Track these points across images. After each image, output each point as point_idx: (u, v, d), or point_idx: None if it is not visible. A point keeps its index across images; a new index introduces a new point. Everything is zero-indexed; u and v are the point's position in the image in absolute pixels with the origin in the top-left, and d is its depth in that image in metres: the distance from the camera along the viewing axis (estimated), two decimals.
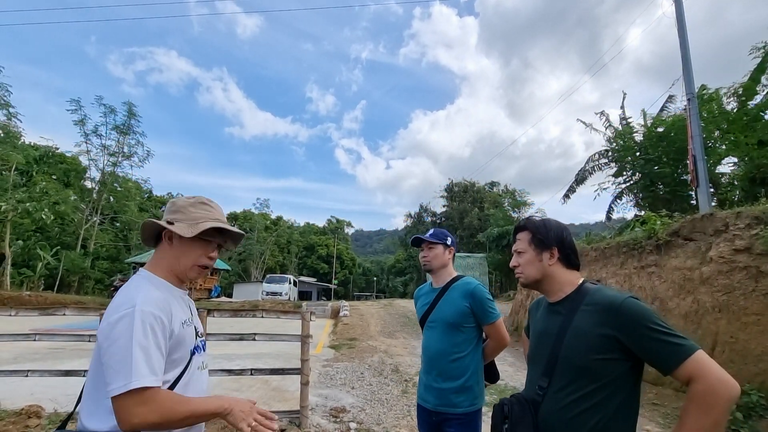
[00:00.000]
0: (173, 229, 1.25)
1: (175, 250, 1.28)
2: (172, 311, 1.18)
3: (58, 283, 26.58)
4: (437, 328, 2.08)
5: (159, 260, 1.29)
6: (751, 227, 5.18)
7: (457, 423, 1.94)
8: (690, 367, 1.09)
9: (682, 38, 8.84)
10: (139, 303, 1.10)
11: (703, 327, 5.32)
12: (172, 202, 1.32)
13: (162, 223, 1.27)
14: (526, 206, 33.59)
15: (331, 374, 6.81)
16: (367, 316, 15.83)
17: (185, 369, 1.20)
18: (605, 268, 7.90)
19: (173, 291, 1.27)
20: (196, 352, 1.26)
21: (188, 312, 1.29)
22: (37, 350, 7.73)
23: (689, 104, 8.65)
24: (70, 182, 32.36)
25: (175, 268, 1.29)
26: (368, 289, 66.12)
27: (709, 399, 1.05)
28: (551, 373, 1.30)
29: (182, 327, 1.20)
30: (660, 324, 1.15)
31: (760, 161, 10.16)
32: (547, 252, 1.41)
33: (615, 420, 1.20)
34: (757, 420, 4.31)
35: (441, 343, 2.04)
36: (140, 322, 1.07)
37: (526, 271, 1.44)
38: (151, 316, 1.09)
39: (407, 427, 4.45)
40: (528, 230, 1.47)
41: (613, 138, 14.81)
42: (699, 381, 1.07)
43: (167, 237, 1.29)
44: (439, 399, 1.98)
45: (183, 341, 1.19)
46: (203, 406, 1.11)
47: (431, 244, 2.20)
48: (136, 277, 1.26)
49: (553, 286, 1.41)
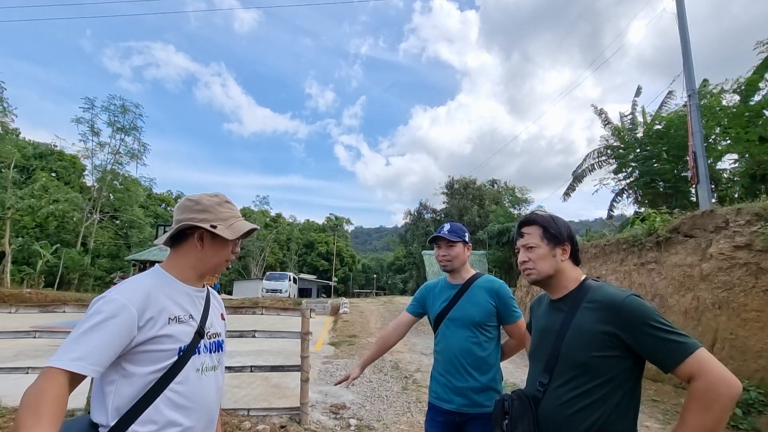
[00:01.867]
0: (218, 232, 1.26)
1: (206, 251, 1.29)
2: (156, 304, 1.15)
3: (59, 281, 26.62)
4: (460, 326, 2.00)
5: (182, 259, 1.28)
6: (752, 224, 5.17)
7: (481, 423, 1.89)
8: (691, 364, 1.09)
9: (683, 34, 8.80)
10: (115, 290, 1.11)
11: (703, 324, 5.32)
12: (195, 200, 1.30)
13: (205, 226, 1.26)
14: (527, 203, 33.66)
15: (331, 371, 6.82)
16: (366, 313, 15.85)
17: (175, 368, 1.16)
18: (605, 265, 7.90)
19: (179, 287, 1.25)
20: (196, 352, 1.22)
21: (191, 309, 1.25)
22: (38, 347, 7.74)
23: (690, 100, 8.62)
24: (70, 180, 32.39)
25: (201, 267, 1.30)
26: (368, 286, 66.15)
27: (711, 397, 1.04)
28: (552, 369, 1.30)
29: (169, 322, 1.17)
30: (661, 322, 1.15)
31: (761, 157, 10.15)
32: (560, 247, 1.40)
33: (615, 416, 1.20)
34: (756, 416, 4.32)
35: (465, 341, 1.96)
36: (105, 308, 1.07)
37: (539, 266, 1.40)
38: (117, 305, 1.08)
39: (407, 423, 4.46)
40: (538, 225, 1.43)
41: (614, 134, 14.77)
42: (700, 379, 1.07)
43: (198, 237, 1.28)
44: (464, 399, 1.92)
45: (168, 337, 1.15)
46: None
47: (451, 243, 2.07)
48: (148, 270, 1.27)
49: (560, 283, 1.40)
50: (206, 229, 1.26)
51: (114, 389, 1.09)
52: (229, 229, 1.29)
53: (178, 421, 1.15)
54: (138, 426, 1.08)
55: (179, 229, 1.27)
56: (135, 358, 1.11)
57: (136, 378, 1.11)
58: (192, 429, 1.18)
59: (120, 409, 1.08)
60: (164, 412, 1.12)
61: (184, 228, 1.27)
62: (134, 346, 1.10)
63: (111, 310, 1.07)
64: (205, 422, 1.24)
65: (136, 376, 1.11)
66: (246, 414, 4.22)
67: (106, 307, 1.07)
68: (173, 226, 1.28)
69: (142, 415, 1.09)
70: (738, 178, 11.72)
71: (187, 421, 1.17)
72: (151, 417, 1.10)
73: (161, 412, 1.12)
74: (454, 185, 43.52)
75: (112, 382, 1.09)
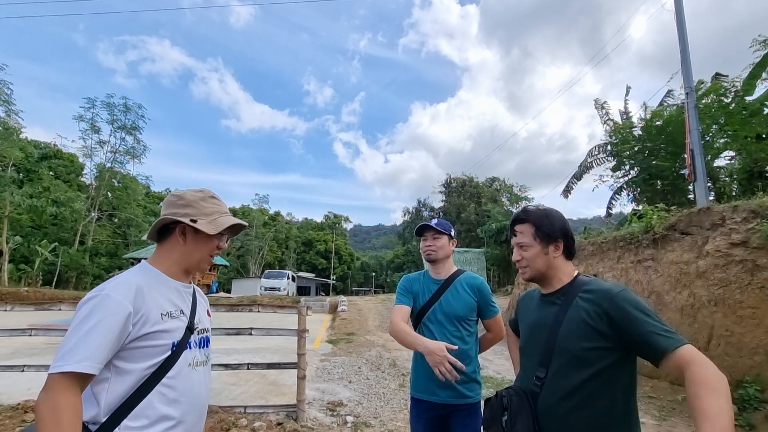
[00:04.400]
0: (198, 227, 1.26)
1: (189, 246, 1.29)
2: (148, 300, 1.15)
3: (57, 279, 26.59)
4: (445, 320, 2.04)
5: (166, 254, 1.29)
6: (748, 221, 5.18)
7: (464, 415, 1.96)
8: (684, 352, 1.09)
9: (681, 32, 8.80)
10: (107, 288, 1.11)
11: (699, 320, 5.33)
12: (179, 195, 1.30)
13: (185, 221, 1.26)
14: (526, 201, 33.71)
15: (328, 368, 6.82)
16: (365, 311, 15.86)
17: (170, 364, 1.17)
18: (602, 263, 7.91)
19: (168, 282, 1.26)
20: (187, 347, 1.23)
21: (181, 305, 1.26)
22: (34, 345, 7.73)
23: (687, 98, 8.63)
24: (69, 179, 32.34)
25: (185, 261, 1.30)
26: (367, 284, 66.19)
27: (714, 379, 1.01)
28: (548, 363, 1.29)
29: (162, 318, 1.17)
30: (654, 315, 1.18)
31: (758, 155, 10.17)
32: (553, 245, 1.40)
33: (613, 409, 1.20)
34: (752, 412, 4.33)
35: (450, 335, 2.01)
36: (99, 306, 1.06)
37: (533, 265, 1.41)
38: (112, 302, 1.08)
39: (404, 420, 4.47)
40: (530, 223, 1.43)
41: (612, 131, 14.80)
42: (695, 364, 1.05)
43: (181, 232, 1.28)
44: (450, 391, 1.96)
45: (161, 332, 1.16)
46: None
47: (437, 234, 2.16)
48: (135, 266, 1.26)
49: (554, 278, 1.40)
50: (187, 224, 1.26)
51: (107, 386, 1.08)
52: (212, 224, 1.29)
53: (171, 415, 1.15)
54: (130, 421, 1.08)
55: (162, 224, 1.28)
56: (128, 355, 1.11)
57: (130, 374, 1.11)
58: (183, 423, 1.19)
59: (111, 405, 1.08)
60: (156, 407, 1.12)
61: (166, 223, 1.28)
62: (128, 342, 1.10)
63: (108, 307, 1.07)
64: (195, 417, 1.25)
65: (130, 372, 1.11)
66: (243, 411, 4.22)
67: (103, 305, 1.07)
68: (158, 221, 1.29)
69: (135, 410, 1.09)
70: (735, 175, 11.75)
71: (179, 416, 1.17)
72: (144, 412, 1.10)
73: (153, 407, 1.12)
74: (451, 183, 43.60)
75: (104, 380, 1.09)
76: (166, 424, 1.14)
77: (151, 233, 1.31)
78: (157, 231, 1.30)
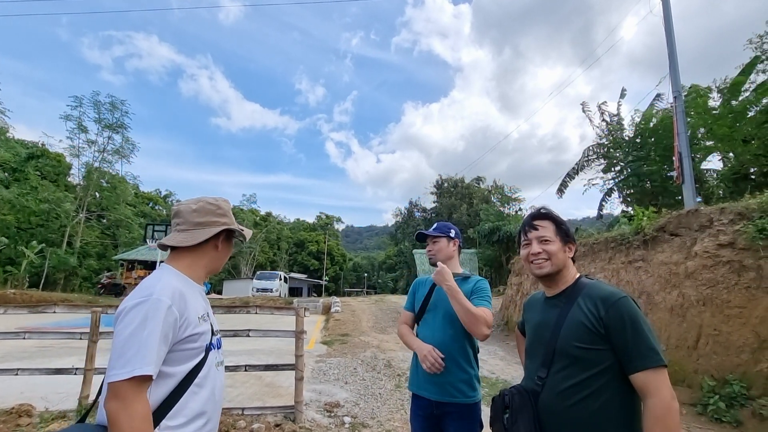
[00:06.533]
0: (246, 234, 1.40)
1: (221, 252, 1.38)
2: (189, 304, 1.20)
3: (44, 281, 26.12)
4: (437, 318, 2.08)
5: (197, 259, 1.33)
6: (735, 222, 5.31)
7: (458, 416, 1.95)
8: (652, 378, 1.17)
9: (669, 37, 8.96)
10: (156, 292, 1.13)
11: (688, 320, 5.46)
12: (217, 205, 1.36)
13: (235, 227, 1.37)
14: (517, 201, 33.93)
15: (324, 370, 6.83)
16: (358, 311, 15.87)
17: (201, 364, 1.21)
18: (593, 263, 8.03)
19: (194, 286, 1.30)
20: (212, 348, 1.28)
21: (205, 307, 1.32)
22: (26, 348, 7.63)
23: (675, 102, 8.79)
24: (56, 179, 31.78)
25: (211, 266, 1.38)
26: (359, 284, 66.15)
27: (670, 417, 1.13)
28: (550, 363, 1.34)
29: (198, 321, 1.22)
30: (644, 331, 1.22)
31: (744, 157, 10.39)
32: (569, 245, 1.47)
33: (612, 409, 1.24)
34: (739, 409, 4.46)
35: (440, 331, 2.04)
36: (153, 310, 1.09)
37: (554, 259, 1.43)
38: (164, 306, 1.11)
39: (401, 420, 4.51)
40: (551, 220, 1.48)
41: (603, 134, 15.01)
42: (656, 397, 1.16)
43: (222, 240, 1.36)
44: (437, 387, 1.98)
45: (198, 335, 1.21)
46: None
47: (435, 238, 2.24)
48: (159, 270, 1.29)
49: (562, 278, 1.45)
50: (237, 231, 1.36)
51: (149, 390, 1.10)
52: (244, 233, 1.40)
53: (203, 413, 1.20)
54: (168, 420, 1.11)
55: (227, 231, 1.36)
56: (171, 358, 1.14)
57: (172, 377, 1.14)
58: (211, 421, 1.25)
59: (152, 407, 1.10)
60: (191, 406, 1.17)
61: (227, 230, 1.36)
62: (173, 345, 1.14)
63: (161, 312, 1.10)
64: (218, 413, 1.31)
65: (172, 375, 1.14)
66: (241, 413, 4.23)
67: (157, 309, 1.10)
68: (192, 228, 1.31)
69: (172, 410, 1.12)
70: (722, 178, 11.98)
71: (209, 413, 1.23)
72: (181, 411, 1.14)
73: (189, 406, 1.16)
74: (443, 184, 43.74)
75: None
76: (199, 422, 1.19)
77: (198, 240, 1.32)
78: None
